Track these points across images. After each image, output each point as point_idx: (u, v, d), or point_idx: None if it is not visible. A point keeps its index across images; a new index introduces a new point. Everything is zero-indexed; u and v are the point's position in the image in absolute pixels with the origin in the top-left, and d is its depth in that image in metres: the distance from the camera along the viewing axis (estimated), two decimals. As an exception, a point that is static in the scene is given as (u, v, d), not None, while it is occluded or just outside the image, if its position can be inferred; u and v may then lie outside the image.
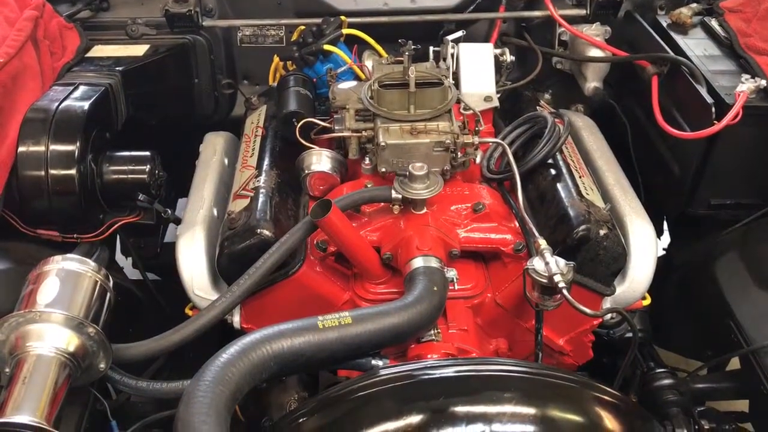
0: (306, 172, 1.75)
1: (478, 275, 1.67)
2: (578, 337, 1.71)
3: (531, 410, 1.12)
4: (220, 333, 1.67)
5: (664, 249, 2.26)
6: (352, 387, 1.18)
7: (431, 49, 1.95)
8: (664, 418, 1.64)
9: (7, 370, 1.28)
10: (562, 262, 1.46)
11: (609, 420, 1.17)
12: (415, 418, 1.11)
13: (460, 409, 1.12)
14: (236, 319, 1.65)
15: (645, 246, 1.68)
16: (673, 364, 1.98)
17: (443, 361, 1.30)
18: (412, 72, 1.64)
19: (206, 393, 1.14)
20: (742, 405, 1.69)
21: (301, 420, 1.20)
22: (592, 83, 2.19)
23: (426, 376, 1.20)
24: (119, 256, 2.22)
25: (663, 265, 2.11)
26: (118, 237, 2.10)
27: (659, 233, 2.31)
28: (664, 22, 2.13)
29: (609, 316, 1.70)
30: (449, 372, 1.20)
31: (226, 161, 1.99)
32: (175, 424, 1.13)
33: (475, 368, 1.22)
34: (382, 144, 1.63)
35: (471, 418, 1.10)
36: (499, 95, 1.97)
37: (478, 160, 1.80)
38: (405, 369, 1.22)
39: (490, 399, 1.13)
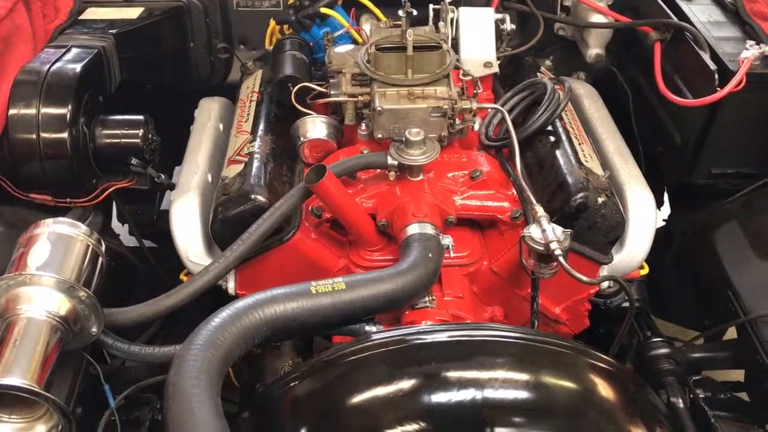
0: (302, 139, 1.72)
1: (475, 243, 1.65)
2: (575, 305, 1.70)
3: (523, 376, 1.12)
4: (216, 300, 1.66)
5: (664, 220, 2.25)
6: (344, 351, 1.18)
7: (431, 6, 1.90)
8: (659, 387, 1.64)
9: (-2, 333, 1.27)
10: (558, 229, 1.44)
11: (603, 386, 1.17)
12: (407, 383, 1.11)
13: (452, 374, 1.12)
14: (231, 286, 1.64)
15: (644, 214, 1.66)
16: (672, 334, 1.97)
17: (436, 326, 1.29)
18: (410, 35, 1.60)
19: (197, 356, 1.14)
20: (740, 375, 1.69)
21: (292, 384, 1.20)
22: (594, 50, 2.15)
23: (418, 341, 1.19)
24: (116, 224, 2.21)
25: (663, 235, 2.10)
26: (114, 204, 2.09)
27: (660, 203, 2.29)
28: (669, -13, 2.08)
29: (606, 284, 1.69)
30: (442, 337, 1.19)
31: (221, 126, 1.96)
32: (165, 387, 1.12)
33: (468, 333, 1.21)
34: (379, 109, 1.60)
35: (463, 383, 1.10)
36: (499, 62, 1.93)
37: (476, 127, 1.77)
38: (397, 333, 1.21)
39: (482, 364, 1.12)
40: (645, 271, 1.76)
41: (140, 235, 2.13)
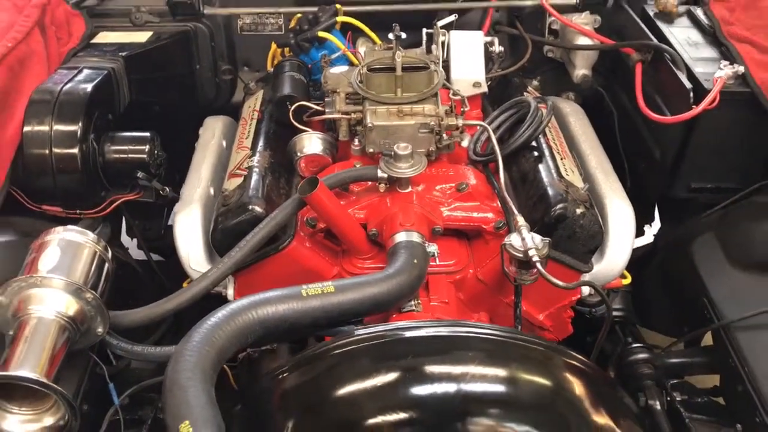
0: (298, 155, 1.82)
1: (461, 252, 1.73)
2: (558, 312, 1.77)
3: (495, 370, 1.20)
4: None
5: (654, 235, 2.32)
6: (329, 346, 1.26)
7: (424, 31, 2.01)
8: (638, 390, 1.71)
9: (11, 332, 1.36)
10: (538, 238, 1.52)
11: (572, 381, 1.24)
12: (386, 376, 1.19)
13: (428, 367, 1.20)
14: (230, 292, 1.73)
15: (623, 225, 1.74)
16: (659, 343, 2.03)
17: (414, 323, 1.37)
18: (399, 56, 1.71)
19: (193, 353, 1.22)
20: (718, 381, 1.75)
21: (281, 377, 1.28)
22: (580, 71, 2.25)
23: (398, 336, 1.27)
24: (125, 238, 2.31)
25: (651, 250, 2.18)
26: (124, 219, 2.19)
27: (650, 220, 2.37)
28: (651, 11, 2.18)
29: (587, 292, 1.76)
30: (420, 333, 1.27)
31: (224, 143, 2.07)
32: (164, 380, 1.20)
33: (444, 330, 1.30)
34: (370, 125, 1.70)
35: (438, 376, 1.18)
36: (489, 83, 2.03)
37: (465, 143, 1.87)
38: (378, 329, 1.29)
39: (455, 359, 1.21)
40: (627, 280, 1.83)
41: (148, 249, 2.23)
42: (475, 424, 1.15)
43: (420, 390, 1.17)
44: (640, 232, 2.24)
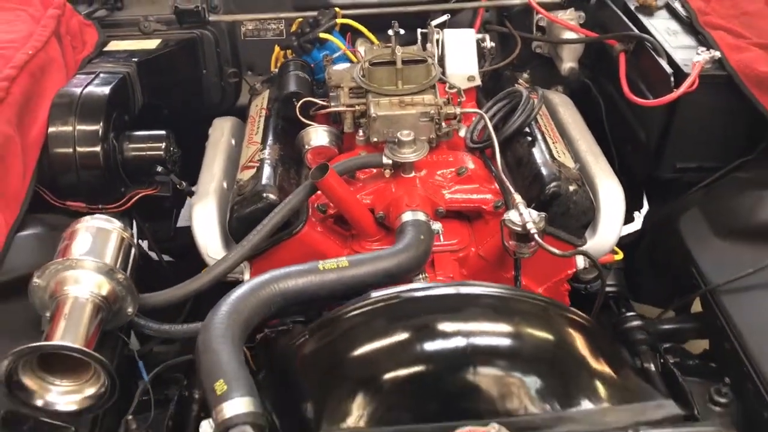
0: (306, 147, 1.93)
1: (463, 232, 1.84)
2: (555, 286, 1.88)
3: (499, 325, 1.31)
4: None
5: (642, 221, 2.43)
6: (346, 309, 1.36)
7: (419, 30, 2.13)
8: (633, 355, 1.81)
9: (48, 314, 1.46)
10: (534, 213, 1.64)
11: (574, 335, 1.34)
12: (400, 334, 1.30)
13: (438, 324, 1.30)
14: (246, 278, 1.82)
15: (613, 201, 1.86)
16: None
17: (423, 285, 1.48)
18: (399, 50, 1.83)
19: (222, 321, 1.32)
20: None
21: (302, 340, 1.38)
22: (567, 64, 2.38)
23: (409, 297, 1.38)
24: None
25: (641, 231, 2.30)
26: (134, 222, 2.29)
27: (639, 206, 2.49)
28: (633, 5, 2.32)
29: (582, 265, 1.87)
30: (429, 292, 1.38)
31: (233, 141, 2.18)
32: (196, 346, 1.30)
33: (452, 289, 1.41)
34: (374, 116, 1.81)
35: (449, 332, 1.29)
36: (482, 77, 2.15)
37: (462, 133, 1.98)
38: (392, 291, 1.39)
39: (464, 315, 1.31)
40: (619, 256, 1.95)
41: (159, 250, 2.33)
42: (483, 375, 1.25)
43: (431, 345, 1.28)
44: (629, 219, 2.35)
